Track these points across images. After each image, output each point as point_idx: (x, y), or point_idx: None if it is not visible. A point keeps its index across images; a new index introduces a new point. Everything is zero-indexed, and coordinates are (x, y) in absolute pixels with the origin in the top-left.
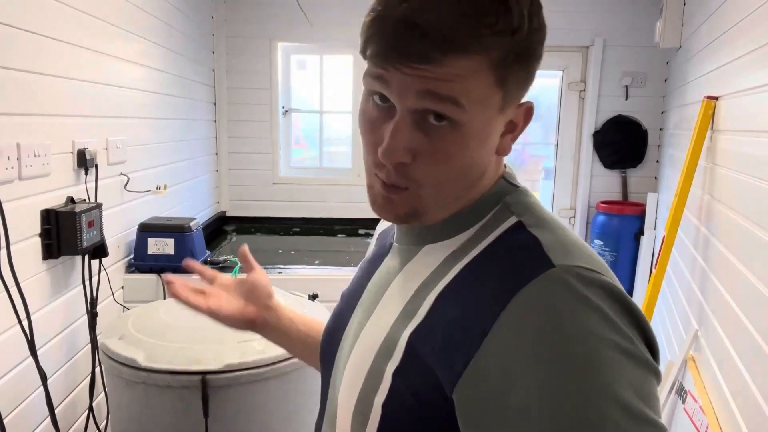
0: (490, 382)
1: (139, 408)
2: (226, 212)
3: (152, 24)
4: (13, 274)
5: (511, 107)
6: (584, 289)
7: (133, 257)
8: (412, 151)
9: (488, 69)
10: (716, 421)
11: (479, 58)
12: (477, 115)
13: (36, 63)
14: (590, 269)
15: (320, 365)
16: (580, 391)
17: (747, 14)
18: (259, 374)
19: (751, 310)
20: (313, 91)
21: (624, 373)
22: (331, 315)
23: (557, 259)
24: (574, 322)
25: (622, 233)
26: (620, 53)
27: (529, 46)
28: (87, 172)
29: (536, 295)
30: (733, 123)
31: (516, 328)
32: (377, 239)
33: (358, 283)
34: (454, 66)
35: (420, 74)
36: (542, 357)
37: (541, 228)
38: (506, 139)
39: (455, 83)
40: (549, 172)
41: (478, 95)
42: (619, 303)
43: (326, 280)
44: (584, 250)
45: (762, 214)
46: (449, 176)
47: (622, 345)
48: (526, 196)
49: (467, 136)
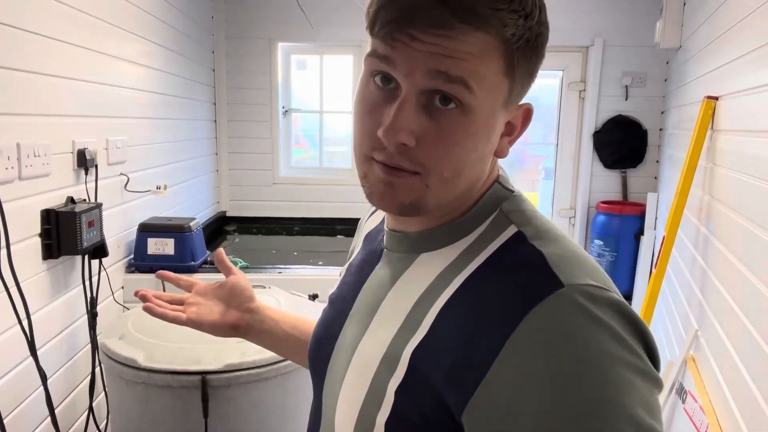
0: (502, 403)
1: (139, 408)
2: (226, 212)
3: (152, 24)
4: (13, 274)
5: (513, 105)
6: (594, 308)
7: (133, 257)
8: (416, 134)
9: (499, 52)
10: (716, 421)
11: (492, 36)
12: (484, 102)
13: (36, 63)
14: (598, 286)
15: (310, 373)
16: (595, 412)
17: (747, 14)
18: (259, 374)
19: (751, 310)
20: (313, 91)
21: (635, 391)
22: (320, 321)
23: (565, 278)
24: (588, 343)
25: (622, 233)
26: (620, 53)
27: (538, 36)
28: (87, 172)
29: (548, 316)
30: (733, 123)
31: (528, 349)
32: (365, 242)
33: (348, 289)
34: (467, 41)
35: (431, 50)
36: (556, 378)
37: (543, 240)
38: (504, 141)
39: (466, 62)
40: (549, 172)
41: (487, 80)
42: (627, 319)
43: (326, 280)
44: (587, 262)
45: (762, 214)
46: (456, 165)
47: (633, 362)
48: (523, 202)
49: (474, 123)
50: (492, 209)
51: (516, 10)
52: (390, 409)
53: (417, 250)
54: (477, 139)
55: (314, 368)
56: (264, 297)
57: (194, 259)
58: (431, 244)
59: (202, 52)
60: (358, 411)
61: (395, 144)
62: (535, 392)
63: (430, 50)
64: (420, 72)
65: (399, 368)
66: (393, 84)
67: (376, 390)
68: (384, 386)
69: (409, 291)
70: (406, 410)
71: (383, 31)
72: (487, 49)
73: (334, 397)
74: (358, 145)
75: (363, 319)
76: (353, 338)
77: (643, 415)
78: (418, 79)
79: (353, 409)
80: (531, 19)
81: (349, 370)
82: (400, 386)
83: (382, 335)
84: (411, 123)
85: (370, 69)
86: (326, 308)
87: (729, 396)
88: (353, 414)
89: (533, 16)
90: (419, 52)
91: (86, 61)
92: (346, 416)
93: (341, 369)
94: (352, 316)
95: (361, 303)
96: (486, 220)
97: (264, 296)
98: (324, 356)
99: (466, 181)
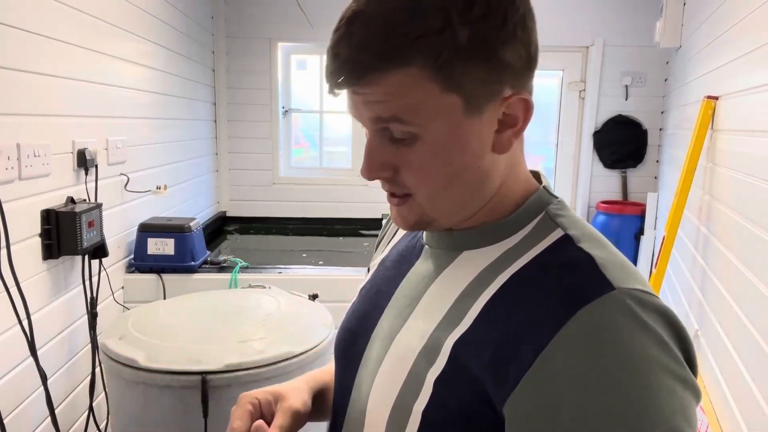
0: (544, 398)
1: (139, 408)
2: (226, 212)
3: (152, 24)
4: (13, 274)
5: (492, 104)
6: (642, 313)
7: (133, 257)
8: (390, 166)
9: (425, 77)
10: (716, 421)
11: (414, 67)
12: (435, 126)
13: (36, 63)
14: (647, 292)
15: (336, 365)
16: (634, 416)
17: (747, 14)
18: (259, 374)
19: (751, 310)
20: (313, 91)
21: (675, 399)
22: (351, 313)
23: (616, 281)
24: (633, 346)
25: (622, 233)
26: (620, 53)
27: (473, 37)
28: (87, 172)
29: (596, 317)
30: (733, 123)
31: (574, 347)
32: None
33: (384, 282)
34: (382, 85)
35: (364, 99)
36: (599, 378)
37: (590, 243)
38: (504, 136)
39: (391, 102)
40: (549, 172)
41: (426, 107)
42: (672, 326)
43: (326, 280)
44: (634, 270)
45: (762, 214)
46: (437, 185)
47: (675, 370)
48: (567, 208)
49: (430, 147)
50: (537, 212)
51: (420, 36)
52: (428, 398)
53: (459, 247)
54: (444, 157)
55: (345, 358)
56: (264, 297)
57: (194, 259)
58: (474, 243)
59: (202, 52)
60: (394, 400)
61: (375, 180)
62: (577, 389)
63: (364, 100)
64: (364, 119)
65: (440, 359)
66: None
67: (414, 380)
68: (423, 376)
69: (451, 286)
70: (445, 400)
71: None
72: (410, 82)
73: (368, 386)
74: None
75: (402, 312)
76: (390, 330)
77: (681, 423)
78: (368, 123)
79: (389, 398)
80: (447, 31)
81: (386, 360)
82: (440, 376)
83: (423, 327)
84: (381, 158)
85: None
86: (357, 300)
87: (729, 396)
88: (389, 403)
89: (448, 26)
90: (359, 102)
91: (86, 61)
92: (380, 406)
93: (377, 359)
94: (389, 309)
95: (400, 296)
96: (531, 222)
97: (264, 296)
98: (356, 348)
99: (462, 189)
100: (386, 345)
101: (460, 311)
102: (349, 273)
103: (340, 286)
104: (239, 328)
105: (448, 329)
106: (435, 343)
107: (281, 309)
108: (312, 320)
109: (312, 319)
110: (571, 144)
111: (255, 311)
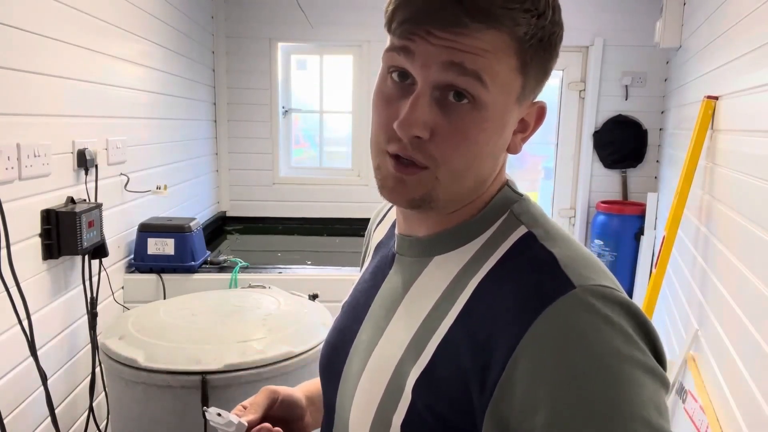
0: (517, 402)
1: (139, 408)
2: (226, 212)
3: (152, 24)
4: (14, 274)
5: (526, 102)
6: (605, 307)
7: (133, 257)
8: (429, 127)
9: (512, 50)
10: (716, 421)
11: (505, 34)
12: (498, 98)
13: (36, 63)
14: (608, 287)
15: (321, 380)
16: (607, 410)
17: (746, 14)
18: (259, 374)
19: (751, 310)
20: (313, 91)
21: (646, 390)
22: (333, 329)
23: (576, 279)
24: (600, 342)
25: (622, 233)
26: (620, 53)
27: (551, 35)
28: (87, 172)
29: (560, 317)
30: (733, 123)
31: (541, 349)
32: (376, 250)
33: (362, 296)
34: (481, 38)
35: (446, 44)
36: (569, 376)
37: (552, 241)
38: (517, 138)
39: (480, 58)
40: (549, 172)
41: (501, 77)
42: (636, 320)
43: (326, 280)
44: (596, 264)
45: (762, 214)
46: (467, 160)
47: (642, 361)
48: (532, 205)
49: (487, 118)
50: (502, 211)
51: (529, 10)
52: (406, 410)
53: (430, 253)
54: (489, 134)
55: (327, 374)
56: (264, 297)
57: (194, 259)
58: (443, 247)
59: (202, 52)
60: (374, 413)
61: (409, 136)
62: (549, 390)
63: (446, 45)
64: (435, 64)
65: (418, 364)
66: (409, 80)
67: (393, 391)
68: (401, 387)
69: (425, 294)
70: (422, 410)
71: (400, 28)
72: (500, 47)
73: (349, 400)
74: (374, 137)
75: (379, 323)
76: (369, 342)
77: (652, 413)
78: (434, 71)
79: (368, 411)
80: (544, 19)
81: (365, 373)
82: (417, 386)
83: (401, 337)
84: (425, 116)
85: (387, 64)
86: (339, 316)
87: (729, 396)
88: (368, 416)
89: (546, 15)
90: (435, 47)
91: (86, 61)
92: (361, 418)
93: (357, 372)
94: (367, 321)
95: (377, 307)
96: (496, 221)
97: (264, 296)
98: (338, 362)
99: (476, 176)
100: (365, 358)
101: (436, 321)
102: (349, 273)
103: (340, 286)
104: (239, 328)
105: (427, 337)
106: (415, 351)
107: (281, 309)
108: (312, 320)
109: (312, 319)
110: (571, 144)
111: (255, 311)
